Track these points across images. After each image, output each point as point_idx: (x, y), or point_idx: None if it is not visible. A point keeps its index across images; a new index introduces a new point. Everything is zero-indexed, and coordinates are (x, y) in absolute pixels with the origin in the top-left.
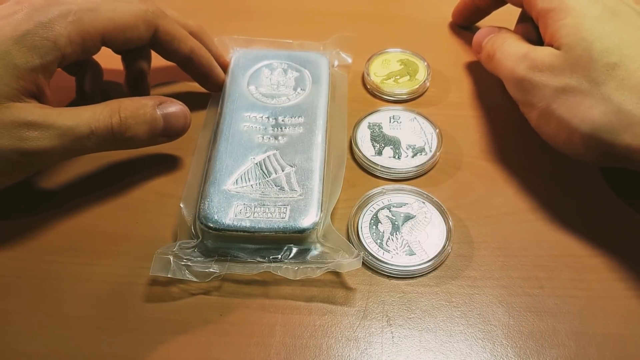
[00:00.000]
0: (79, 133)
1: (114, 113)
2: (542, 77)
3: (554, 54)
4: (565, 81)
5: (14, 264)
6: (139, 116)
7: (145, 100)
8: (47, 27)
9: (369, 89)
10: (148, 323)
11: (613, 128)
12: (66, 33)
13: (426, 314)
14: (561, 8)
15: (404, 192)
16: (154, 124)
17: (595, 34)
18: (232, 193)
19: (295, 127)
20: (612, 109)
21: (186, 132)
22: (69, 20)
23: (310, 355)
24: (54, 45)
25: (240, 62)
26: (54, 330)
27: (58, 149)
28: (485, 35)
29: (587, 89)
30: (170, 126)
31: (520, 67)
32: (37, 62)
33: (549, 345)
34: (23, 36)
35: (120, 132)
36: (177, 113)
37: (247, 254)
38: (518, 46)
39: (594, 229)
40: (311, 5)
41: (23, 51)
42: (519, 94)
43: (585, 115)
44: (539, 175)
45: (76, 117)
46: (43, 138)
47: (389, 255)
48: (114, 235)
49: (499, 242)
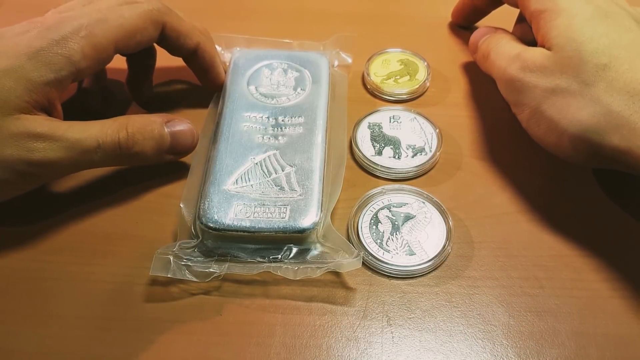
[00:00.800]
0: (87, 146)
1: (121, 128)
2: (533, 77)
3: (545, 55)
4: (556, 82)
5: (14, 264)
6: (147, 132)
7: (154, 117)
8: (61, 44)
9: (369, 89)
10: (148, 323)
11: (601, 129)
12: (79, 48)
13: (426, 314)
14: (553, 9)
15: (404, 192)
16: (161, 141)
17: (586, 34)
18: (232, 193)
19: (295, 127)
20: (600, 111)
21: (193, 150)
22: (81, 36)
23: (310, 355)
24: (68, 60)
25: (240, 62)
26: (53, 330)
27: (65, 161)
28: (482, 35)
29: (577, 90)
30: (177, 144)
31: (512, 67)
32: (51, 76)
33: (549, 345)
34: (37, 52)
35: (128, 147)
36: (185, 131)
37: (247, 254)
38: (511, 46)
39: (594, 229)
40: (311, 5)
41: (37, 66)
42: (510, 95)
43: (574, 117)
44: (539, 176)
45: (84, 131)
46: (50, 150)
47: (389, 255)
48: (114, 235)
49: (499, 242)
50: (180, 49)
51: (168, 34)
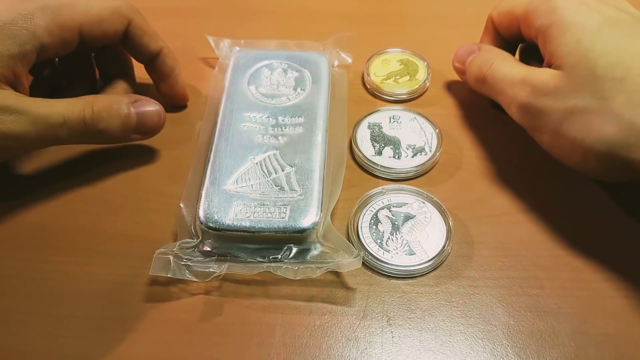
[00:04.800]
0: (52, 122)
1: (87, 105)
2: (547, 101)
3: (556, 76)
4: (572, 102)
5: (14, 264)
6: (113, 110)
7: (122, 97)
8: (26, 18)
9: (369, 89)
10: (148, 323)
11: (628, 144)
12: (44, 24)
13: (426, 314)
14: (559, 24)
15: (404, 192)
16: (127, 120)
17: (597, 50)
18: (232, 193)
19: (295, 127)
20: (624, 125)
21: (160, 130)
22: (47, 13)
23: (310, 355)
24: (33, 34)
25: (240, 62)
26: (53, 330)
27: (31, 135)
28: (465, 55)
29: (596, 107)
30: (143, 124)
31: (522, 93)
32: (16, 50)
33: (549, 345)
34: (3, 26)
35: (93, 124)
36: (152, 112)
37: (247, 253)
38: (511, 69)
39: (594, 229)
40: (311, 5)
41: (2, 39)
42: (525, 121)
43: (598, 134)
44: (539, 176)
45: (51, 107)
46: (16, 122)
47: (389, 255)
48: (114, 235)
49: (499, 242)
50: (144, 49)
51: (133, 31)
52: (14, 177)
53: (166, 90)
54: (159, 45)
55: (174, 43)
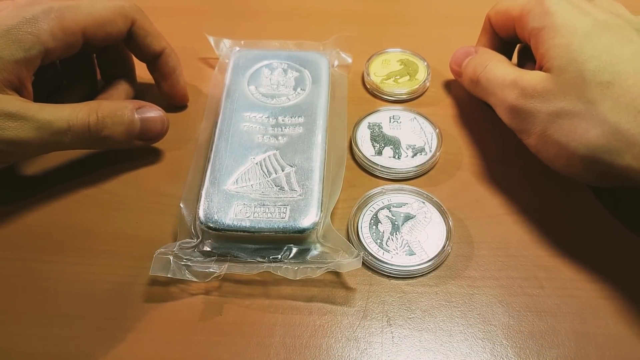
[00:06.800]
0: (57, 128)
1: (92, 112)
2: (535, 103)
3: (545, 78)
4: (559, 105)
5: (14, 264)
6: (117, 117)
7: (125, 103)
8: (31, 23)
9: (369, 89)
10: (148, 323)
11: (612, 149)
12: (48, 28)
13: (426, 314)
14: (551, 26)
15: (404, 192)
16: (131, 126)
17: (586, 53)
18: (232, 193)
19: (295, 127)
20: (609, 130)
21: (163, 137)
22: (51, 17)
23: (310, 355)
24: (37, 39)
25: (240, 62)
26: (54, 330)
27: (36, 141)
28: (462, 57)
29: (582, 111)
30: (147, 130)
31: (511, 95)
32: (21, 55)
33: (549, 345)
34: (7, 31)
35: (97, 131)
36: (155, 118)
37: (247, 254)
38: (503, 71)
39: (594, 229)
40: (311, 5)
41: (7, 44)
42: (513, 122)
43: (583, 138)
44: (539, 175)
45: (55, 113)
46: (21, 129)
47: (389, 255)
48: (114, 235)
49: (499, 242)
50: (147, 49)
51: (136, 31)
52: (14, 177)
53: (167, 89)
54: (162, 45)
55: (174, 43)
